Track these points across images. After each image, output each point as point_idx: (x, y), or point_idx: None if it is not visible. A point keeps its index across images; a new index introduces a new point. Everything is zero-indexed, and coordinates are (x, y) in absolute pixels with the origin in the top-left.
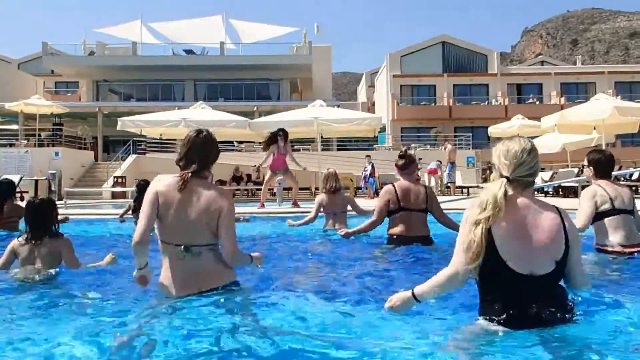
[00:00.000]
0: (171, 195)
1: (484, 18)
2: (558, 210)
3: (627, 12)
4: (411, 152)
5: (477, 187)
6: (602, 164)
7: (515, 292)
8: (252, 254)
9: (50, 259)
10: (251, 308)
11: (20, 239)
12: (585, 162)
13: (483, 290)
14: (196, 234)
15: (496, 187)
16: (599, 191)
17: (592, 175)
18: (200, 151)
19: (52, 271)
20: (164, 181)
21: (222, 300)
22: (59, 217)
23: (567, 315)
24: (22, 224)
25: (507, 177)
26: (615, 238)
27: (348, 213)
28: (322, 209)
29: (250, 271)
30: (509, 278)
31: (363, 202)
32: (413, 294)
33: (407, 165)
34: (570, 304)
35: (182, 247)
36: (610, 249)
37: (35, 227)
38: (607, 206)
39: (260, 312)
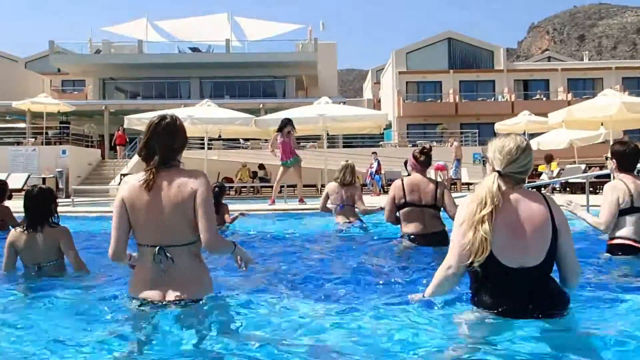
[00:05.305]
0: (137, 198)
1: (490, 14)
2: (545, 200)
3: (634, 7)
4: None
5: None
6: (626, 156)
7: (505, 285)
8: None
9: (48, 249)
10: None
11: (17, 229)
12: (609, 154)
13: (475, 283)
14: (172, 232)
15: (490, 181)
16: (621, 186)
17: (615, 168)
18: (162, 139)
19: (51, 263)
20: (129, 183)
21: (194, 312)
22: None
23: (559, 306)
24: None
25: (498, 172)
26: (629, 232)
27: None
28: (329, 200)
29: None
30: (499, 272)
31: (369, 199)
32: (424, 296)
33: (426, 163)
34: (563, 294)
35: (157, 248)
36: (622, 242)
37: (33, 216)
38: (627, 203)
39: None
